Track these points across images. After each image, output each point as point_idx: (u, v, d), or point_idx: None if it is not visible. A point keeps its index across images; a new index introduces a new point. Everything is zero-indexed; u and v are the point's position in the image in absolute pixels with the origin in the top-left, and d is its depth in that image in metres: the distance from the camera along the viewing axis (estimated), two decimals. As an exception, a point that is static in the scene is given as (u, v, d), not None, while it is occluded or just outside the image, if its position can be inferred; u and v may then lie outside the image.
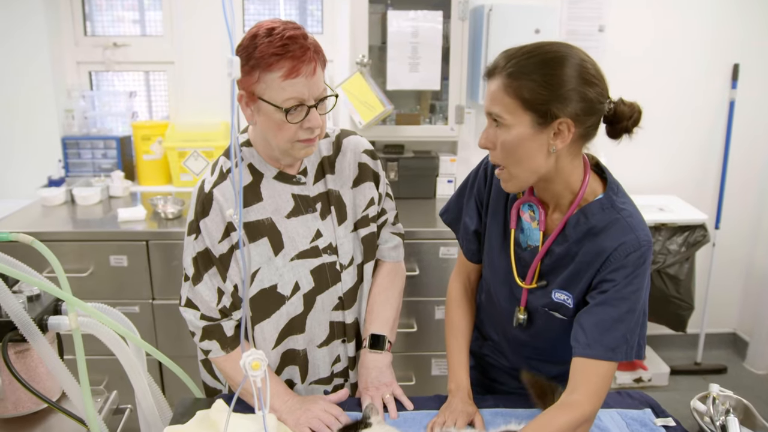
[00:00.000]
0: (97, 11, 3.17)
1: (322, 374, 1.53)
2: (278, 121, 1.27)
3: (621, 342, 1.20)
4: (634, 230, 1.21)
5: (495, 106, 1.18)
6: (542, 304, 1.34)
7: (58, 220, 2.61)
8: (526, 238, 1.35)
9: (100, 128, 3.15)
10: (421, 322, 2.58)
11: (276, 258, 1.40)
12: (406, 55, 2.73)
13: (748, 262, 3.53)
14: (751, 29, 3.18)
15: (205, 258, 1.37)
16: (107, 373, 2.49)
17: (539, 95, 1.13)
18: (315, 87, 1.27)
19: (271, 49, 1.22)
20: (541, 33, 2.73)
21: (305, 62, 1.23)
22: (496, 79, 1.18)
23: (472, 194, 1.47)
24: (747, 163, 3.36)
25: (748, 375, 3.43)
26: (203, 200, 1.37)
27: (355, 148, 1.52)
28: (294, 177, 1.43)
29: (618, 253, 1.20)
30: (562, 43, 1.18)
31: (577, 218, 1.25)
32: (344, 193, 1.49)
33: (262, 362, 0.93)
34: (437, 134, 2.92)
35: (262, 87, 1.25)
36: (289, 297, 1.43)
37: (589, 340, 1.20)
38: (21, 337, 1.15)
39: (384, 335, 1.51)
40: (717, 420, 1.33)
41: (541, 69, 1.13)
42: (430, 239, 2.55)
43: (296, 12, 3.26)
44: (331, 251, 1.46)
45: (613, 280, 1.20)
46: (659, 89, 3.20)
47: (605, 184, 1.28)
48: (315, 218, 1.44)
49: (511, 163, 1.21)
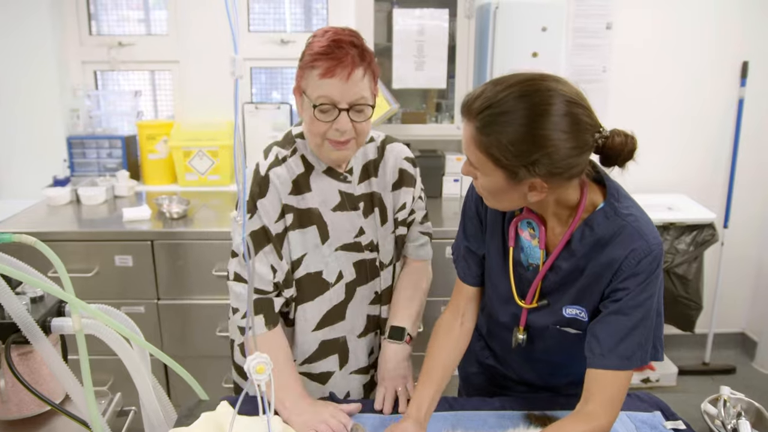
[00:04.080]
0: (102, 11, 3.17)
1: (361, 363, 1.59)
2: (311, 116, 1.34)
3: (636, 349, 1.17)
4: (643, 235, 1.16)
5: (468, 153, 1.14)
6: (552, 322, 1.29)
7: (64, 220, 2.61)
8: (527, 257, 1.30)
9: (105, 128, 3.15)
10: (427, 322, 2.56)
11: (323, 246, 1.47)
12: (411, 54, 2.72)
13: (757, 261, 3.49)
14: (760, 26, 3.15)
15: (260, 236, 1.41)
16: (112, 373, 2.48)
17: (507, 158, 1.07)
18: (349, 91, 1.31)
19: (317, 47, 1.31)
20: (547, 30, 2.71)
21: (343, 65, 1.29)
22: (467, 125, 1.12)
23: (470, 218, 1.41)
24: (756, 162, 3.33)
25: (756, 375, 3.40)
26: (260, 181, 1.41)
27: (398, 155, 1.57)
28: (341, 174, 1.48)
29: (629, 261, 1.16)
30: (543, 88, 1.07)
31: (582, 231, 1.20)
32: (385, 196, 1.54)
33: (266, 366, 0.92)
34: (443, 133, 2.90)
35: (305, 82, 1.34)
36: (333, 284, 1.49)
37: (604, 350, 1.17)
38: (24, 339, 1.14)
39: (404, 327, 1.53)
40: (728, 423, 1.31)
41: (511, 128, 1.05)
42: (436, 239, 2.49)
43: (302, 11, 3.25)
44: (372, 248, 1.52)
45: (627, 289, 1.17)
46: (667, 87, 3.17)
47: (604, 191, 1.22)
48: (359, 216, 1.49)
49: (493, 199, 1.19)
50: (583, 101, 1.10)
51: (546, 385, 1.51)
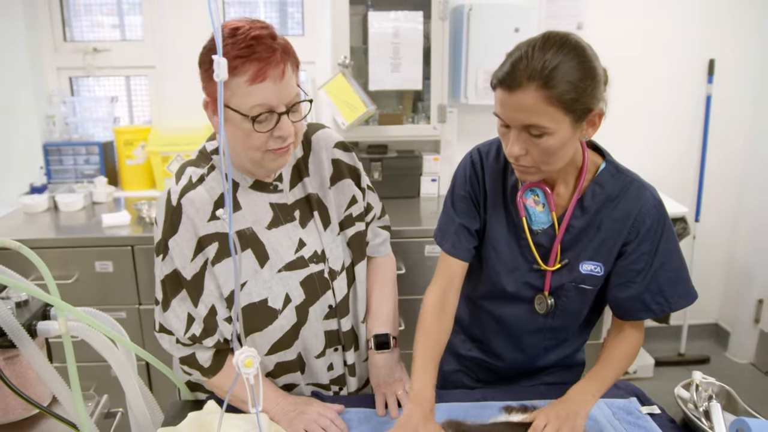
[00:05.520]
0: (76, 16, 3.15)
1: (323, 381, 1.49)
2: (246, 131, 1.17)
3: (686, 284, 1.34)
4: (647, 187, 1.31)
5: (536, 119, 1.14)
6: (569, 280, 1.36)
7: (42, 227, 2.59)
8: (533, 223, 1.37)
9: (81, 134, 3.13)
10: (408, 321, 2.60)
11: (262, 270, 1.32)
12: (387, 56, 2.74)
13: (728, 253, 3.59)
14: (726, 25, 3.24)
15: (173, 281, 1.29)
16: (94, 380, 2.47)
17: (579, 95, 1.13)
18: (285, 92, 1.17)
19: (234, 51, 1.12)
20: (520, 32, 2.76)
21: (272, 65, 1.14)
22: (526, 92, 1.12)
23: (462, 197, 1.43)
24: (725, 156, 3.42)
25: (730, 364, 3.49)
26: (171, 215, 1.26)
27: (326, 143, 1.42)
28: (270, 185, 1.35)
29: (643, 213, 1.28)
30: (569, 33, 1.18)
31: (593, 189, 1.31)
32: (324, 194, 1.41)
33: (254, 360, 0.94)
34: (420, 133, 2.93)
35: (228, 94, 1.15)
36: (282, 310, 1.35)
37: (657, 301, 1.33)
38: (10, 343, 1.14)
39: (387, 333, 1.50)
40: (700, 406, 1.36)
41: (574, 67, 1.13)
42: (415, 238, 2.57)
43: (277, 15, 3.27)
44: (317, 259, 1.39)
45: (648, 239, 1.30)
46: (637, 84, 3.24)
47: (599, 154, 1.35)
48: (295, 227, 1.37)
49: (547, 162, 1.21)
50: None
51: (533, 368, 1.53)
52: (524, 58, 1.13)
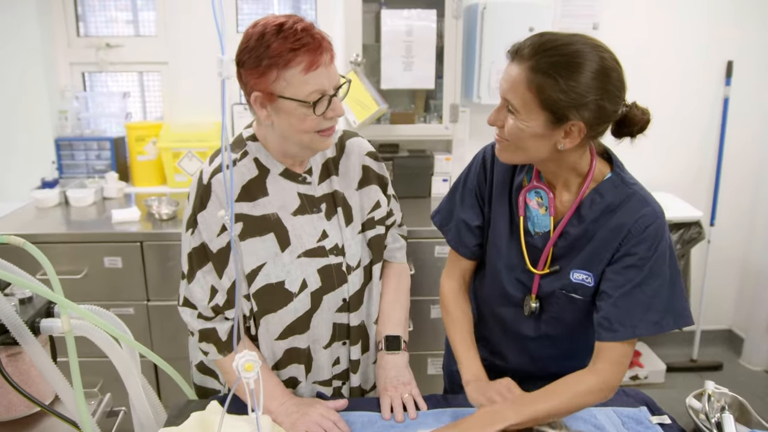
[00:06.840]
0: (90, 12, 3.16)
1: (325, 376, 1.51)
2: (300, 116, 1.27)
3: (664, 314, 1.23)
4: (650, 203, 1.25)
5: (512, 96, 1.17)
6: (559, 287, 1.34)
7: (52, 222, 2.60)
8: (533, 225, 1.35)
9: (93, 129, 3.14)
10: (417, 322, 2.58)
11: (283, 254, 1.38)
12: (400, 54, 2.72)
13: (743, 258, 3.53)
14: (745, 26, 3.19)
15: (200, 254, 1.35)
16: (102, 375, 2.48)
17: (559, 98, 1.12)
18: (334, 76, 1.29)
19: (286, 45, 1.22)
20: (534, 31, 2.73)
21: (322, 53, 1.25)
22: (518, 66, 1.16)
23: (469, 190, 1.46)
24: (741, 160, 3.36)
25: (743, 371, 3.44)
26: (202, 192, 1.35)
27: (359, 149, 1.52)
28: (300, 175, 1.42)
29: (638, 226, 1.23)
30: (595, 43, 1.16)
31: (592, 198, 1.27)
32: (350, 195, 1.47)
33: (255, 364, 0.92)
34: (432, 133, 2.91)
35: (282, 85, 1.24)
36: (297, 294, 1.40)
37: (623, 322, 1.23)
38: (13, 340, 1.14)
39: (399, 335, 1.51)
40: (712, 417, 1.33)
41: (567, 72, 1.12)
42: (425, 238, 2.55)
43: (290, 11, 3.25)
44: (337, 252, 1.44)
45: (637, 254, 1.23)
46: (653, 86, 3.20)
47: (610, 164, 1.31)
48: (320, 218, 1.42)
49: (515, 147, 1.23)
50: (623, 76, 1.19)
51: (540, 373, 1.51)
52: (541, 40, 1.16)
